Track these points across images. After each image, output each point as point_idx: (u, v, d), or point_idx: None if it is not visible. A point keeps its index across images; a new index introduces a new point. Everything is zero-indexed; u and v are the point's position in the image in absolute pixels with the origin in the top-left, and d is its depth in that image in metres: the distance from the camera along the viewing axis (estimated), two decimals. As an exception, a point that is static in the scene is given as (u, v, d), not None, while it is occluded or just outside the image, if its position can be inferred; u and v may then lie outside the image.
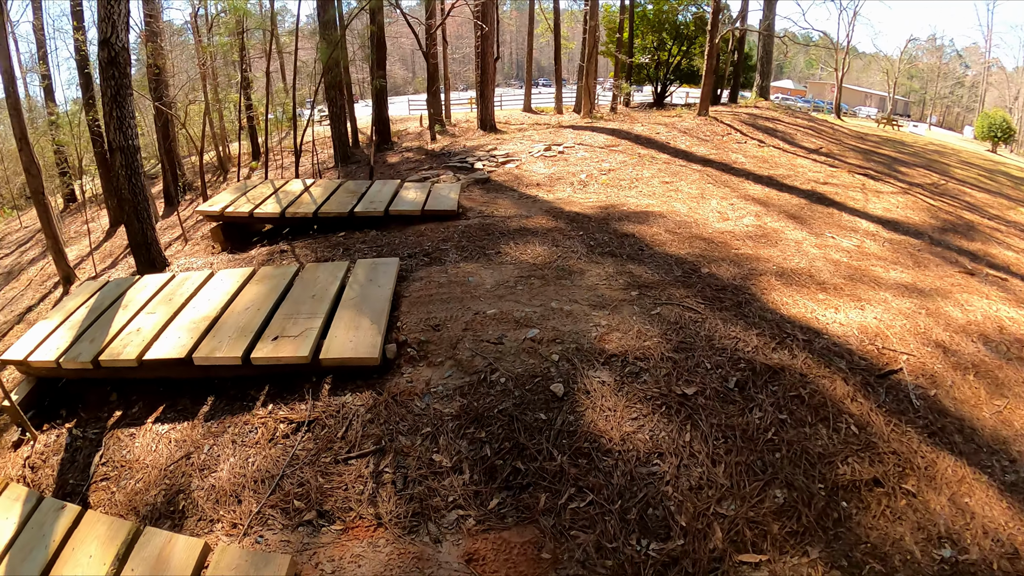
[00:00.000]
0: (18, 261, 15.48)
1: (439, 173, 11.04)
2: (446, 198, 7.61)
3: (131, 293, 5.46)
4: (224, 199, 7.93)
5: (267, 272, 5.36)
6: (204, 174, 14.36)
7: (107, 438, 4.71)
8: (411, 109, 31.05)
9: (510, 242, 6.23)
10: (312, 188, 8.18)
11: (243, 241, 7.91)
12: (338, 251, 6.56)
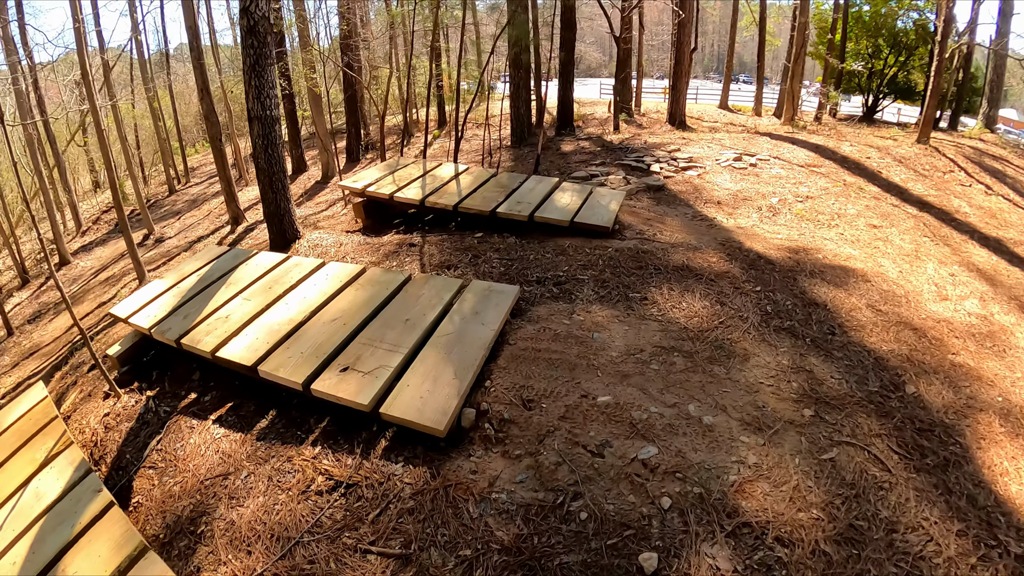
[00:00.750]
0: (204, 192, 17.57)
1: (609, 171, 10.14)
2: (603, 209, 6.67)
3: (241, 270, 5.44)
4: (370, 176, 7.87)
5: (373, 276, 4.97)
6: (384, 137, 15.06)
7: (172, 422, 4.67)
8: (602, 93, 30.34)
9: (663, 285, 5.21)
10: (462, 176, 7.82)
11: (384, 220, 7.80)
12: (465, 257, 6.04)
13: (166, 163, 18.04)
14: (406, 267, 5.98)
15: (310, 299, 4.70)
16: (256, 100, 6.40)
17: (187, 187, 18.89)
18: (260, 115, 6.43)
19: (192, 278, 5.51)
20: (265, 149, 6.58)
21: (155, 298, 5.32)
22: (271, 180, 6.68)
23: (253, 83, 6.33)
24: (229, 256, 5.77)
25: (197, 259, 5.91)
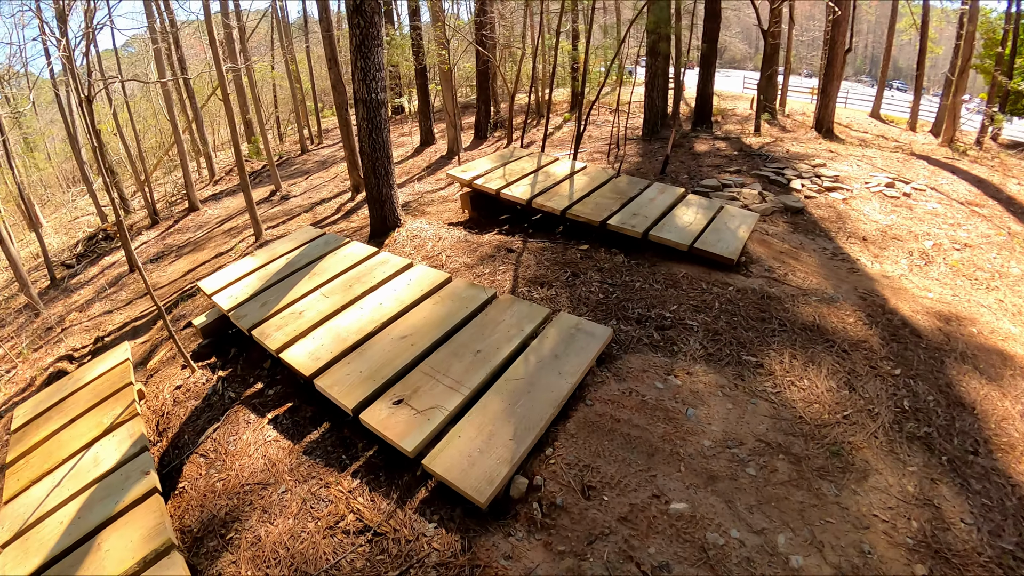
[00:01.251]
0: (333, 155, 18.28)
1: (744, 182, 9.33)
2: (729, 235, 6.01)
3: (329, 260, 5.45)
4: (480, 167, 7.70)
5: (456, 289, 4.77)
6: (512, 116, 14.93)
7: (232, 411, 4.75)
8: (745, 87, 28.54)
9: (786, 350, 4.59)
10: (577, 176, 7.41)
11: (491, 213, 7.64)
12: (563, 274, 5.68)
13: (300, 124, 19.04)
14: (498, 277, 5.74)
15: (386, 307, 4.59)
16: (361, 82, 6.32)
17: (319, 148, 19.86)
18: (365, 97, 6.35)
19: (280, 261, 5.60)
20: (369, 133, 6.53)
21: (241, 278, 5.45)
22: (374, 165, 6.67)
23: (359, 64, 6.26)
24: (320, 242, 5.82)
25: (290, 240, 6.02)
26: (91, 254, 14.57)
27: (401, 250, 6.53)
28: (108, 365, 5.42)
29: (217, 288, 5.38)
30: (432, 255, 6.30)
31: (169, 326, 5.21)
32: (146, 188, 14.58)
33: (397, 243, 6.70)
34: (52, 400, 5.33)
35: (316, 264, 5.37)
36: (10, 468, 4.71)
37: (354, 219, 10.55)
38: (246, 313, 4.86)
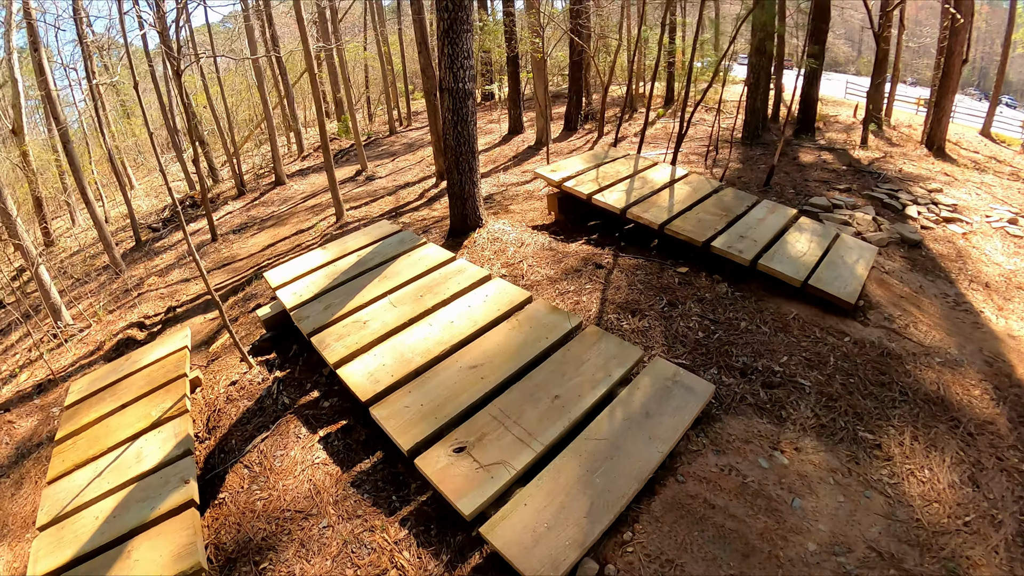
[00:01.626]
0: (421, 138, 18.07)
1: (856, 203, 8.39)
2: (846, 272, 5.23)
3: (402, 261, 5.05)
4: (570, 167, 7.11)
5: (537, 313, 4.26)
6: (605, 109, 14.27)
7: (284, 421, 4.42)
8: (847, 92, 26.53)
9: (907, 428, 3.84)
10: (678, 184, 6.76)
11: (579, 218, 7.06)
12: (658, 301, 5.07)
13: (389, 105, 18.96)
14: (583, 298, 5.19)
15: (457, 327, 4.13)
16: (448, 70, 5.84)
17: (407, 130, 19.75)
18: (451, 87, 5.89)
19: (351, 258, 5.25)
20: (454, 125, 6.05)
21: (307, 273, 5.13)
22: (458, 160, 6.24)
23: (445, 51, 5.78)
24: (395, 241, 5.42)
25: (363, 235, 5.67)
26: (176, 220, 14.84)
27: (480, 254, 6.07)
28: (166, 350, 5.21)
29: (282, 282, 5.08)
30: (512, 263, 5.82)
31: (228, 324, 4.95)
32: (234, 160, 14.73)
33: (476, 245, 6.25)
34: (107, 380, 5.19)
35: (388, 265, 4.98)
36: (58, 446, 4.62)
37: (436, 207, 10.20)
38: (308, 315, 4.51)
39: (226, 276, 9.97)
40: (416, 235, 5.53)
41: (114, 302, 10.51)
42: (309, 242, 10.28)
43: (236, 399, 4.90)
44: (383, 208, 11.26)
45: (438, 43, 5.85)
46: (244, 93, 19.37)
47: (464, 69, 5.84)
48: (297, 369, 4.94)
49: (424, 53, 11.14)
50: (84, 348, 8.57)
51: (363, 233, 5.77)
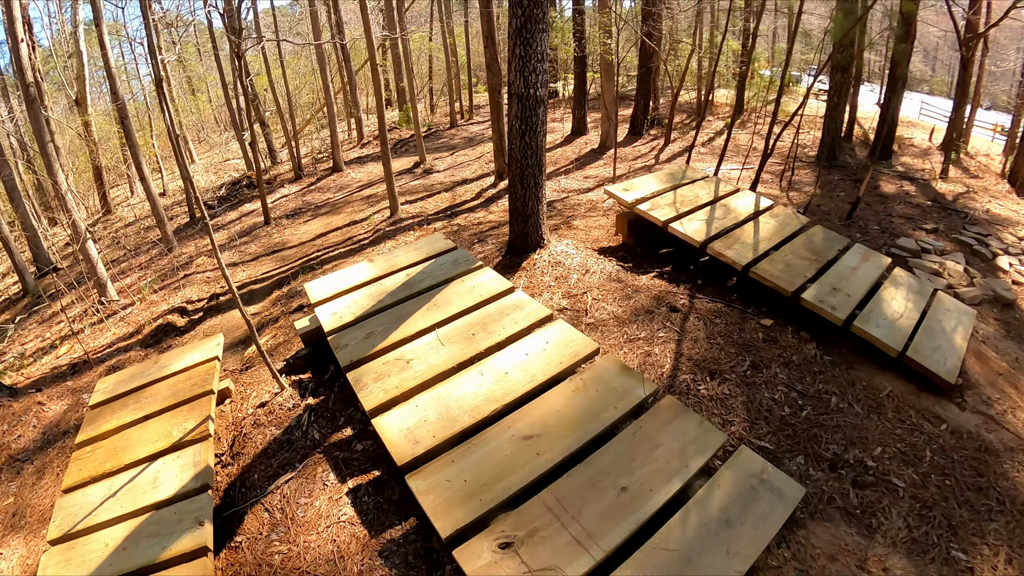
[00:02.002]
0: (482, 133, 17.48)
1: (945, 248, 7.50)
2: (946, 343, 4.59)
3: (454, 288, 4.49)
4: (644, 187, 6.39)
5: (603, 374, 3.64)
6: (673, 116, 13.48)
7: (312, 461, 3.93)
8: (921, 113, 24.87)
9: (1002, 547, 3.09)
10: (763, 217, 5.99)
11: (650, 244, 6.33)
12: (740, 363, 4.40)
13: (452, 97, 18.47)
14: (655, 348, 4.51)
15: (512, 381, 3.57)
16: (518, 73, 5.18)
17: (468, 123, 19.26)
18: (521, 92, 5.23)
19: (399, 276, 4.74)
20: (521, 135, 5.40)
21: (350, 290, 4.65)
22: (522, 173, 5.62)
23: (517, 51, 5.11)
24: (448, 261, 4.87)
25: (414, 249, 5.15)
26: (232, 198, 14.70)
27: (539, 279, 5.49)
28: (196, 358, 4.81)
29: (322, 297, 4.61)
30: (575, 293, 5.22)
31: (260, 346, 4.47)
32: (293, 143, 14.47)
33: (536, 268, 5.67)
34: (133, 384, 4.83)
35: (438, 291, 4.45)
36: (77, 451, 4.29)
37: (493, 210, 9.66)
38: (347, 343, 4.02)
39: (273, 265, 9.64)
40: (471, 256, 4.95)
41: (160, 281, 10.31)
42: (360, 236, 9.86)
43: (264, 424, 4.45)
44: (438, 205, 10.78)
45: (509, 42, 5.21)
46: (308, 76, 19.14)
47: (537, 74, 5.20)
48: (331, 398, 4.46)
49: (490, 48, 10.61)
50: (124, 328, 8.33)
51: (414, 247, 5.25)
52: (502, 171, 11.74)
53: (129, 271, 11.78)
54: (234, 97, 11.36)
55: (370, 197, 12.75)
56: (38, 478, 5.51)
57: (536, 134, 5.37)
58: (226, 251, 11.13)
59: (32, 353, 9.06)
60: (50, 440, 6.06)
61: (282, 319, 6.66)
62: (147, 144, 15.94)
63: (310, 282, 4.89)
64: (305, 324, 4.95)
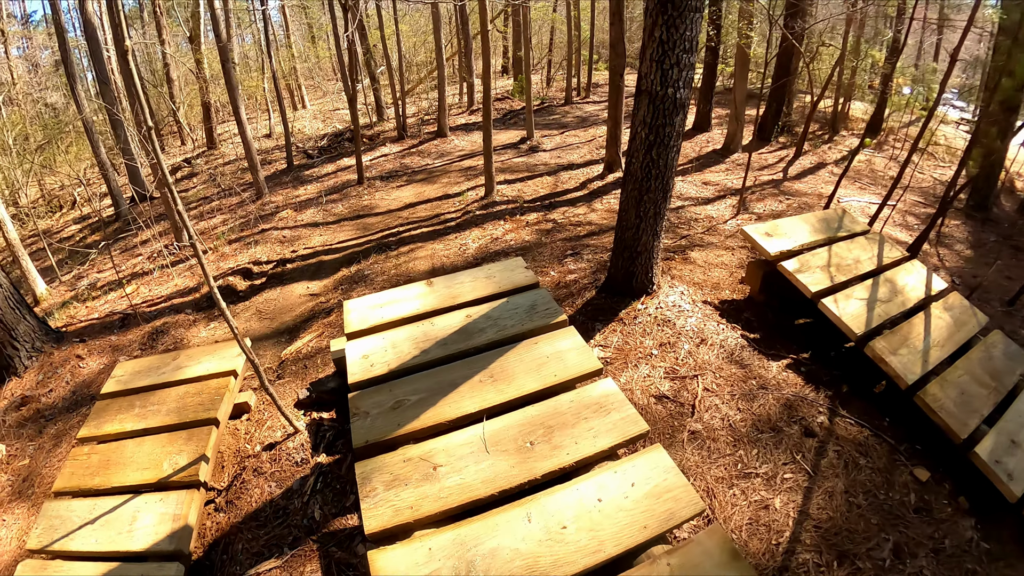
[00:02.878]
0: (596, 114, 15.74)
1: None
2: None
3: (520, 353, 3.29)
4: (791, 234, 4.75)
5: (702, 557, 2.33)
6: (809, 125, 11.56)
7: (301, 551, 2.94)
8: None
9: None
10: (935, 308, 4.30)
11: (786, 306, 4.77)
12: (877, 544, 2.78)
13: (570, 73, 16.94)
14: (776, 500, 3.07)
15: (570, 542, 2.34)
16: (655, 64, 3.68)
17: (583, 102, 17.72)
18: (655, 91, 3.75)
19: (457, 316, 3.59)
20: (648, 148, 3.95)
21: (393, 324, 3.59)
22: (640, 197, 4.18)
23: (656, 34, 3.61)
24: (523, 305, 3.65)
25: (485, 278, 3.97)
26: (332, 150, 14.03)
27: (638, 342, 4.17)
28: (212, 368, 3.96)
29: (359, 328, 3.57)
30: (682, 375, 3.89)
31: (268, 386, 3.49)
32: (400, 102, 13.53)
33: (637, 323, 4.34)
34: (146, 380, 4.07)
35: (502, 354, 3.27)
36: (76, 448, 3.73)
37: (596, 207, 8.36)
38: (367, 410, 2.96)
39: (353, 232, 8.77)
40: (554, 304, 3.65)
41: (239, 229, 9.69)
42: (448, 215, 8.82)
43: (265, 474, 3.49)
44: (537, 190, 9.56)
45: (646, 20, 3.72)
46: (427, 35, 18.06)
47: (680, 68, 3.72)
48: (347, 461, 3.43)
49: (616, 26, 9.13)
50: (187, 280, 7.70)
51: (485, 273, 4.07)
52: (612, 162, 10.39)
53: (215, 212, 11.32)
54: (345, 51, 10.47)
55: (469, 170, 11.68)
56: (55, 444, 4.95)
57: (667, 149, 3.97)
58: (312, 207, 10.40)
59: (102, 285, 8.68)
60: (76, 402, 5.49)
61: (335, 313, 5.73)
62: (258, 87, 15.47)
63: (351, 301, 3.84)
64: (340, 347, 3.95)
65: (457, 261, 6.65)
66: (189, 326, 6.26)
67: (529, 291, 3.84)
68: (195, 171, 14.00)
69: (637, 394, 3.73)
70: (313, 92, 21.71)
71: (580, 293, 4.88)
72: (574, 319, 4.43)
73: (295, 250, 8.28)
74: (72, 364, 6.01)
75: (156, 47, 14.07)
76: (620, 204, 4.37)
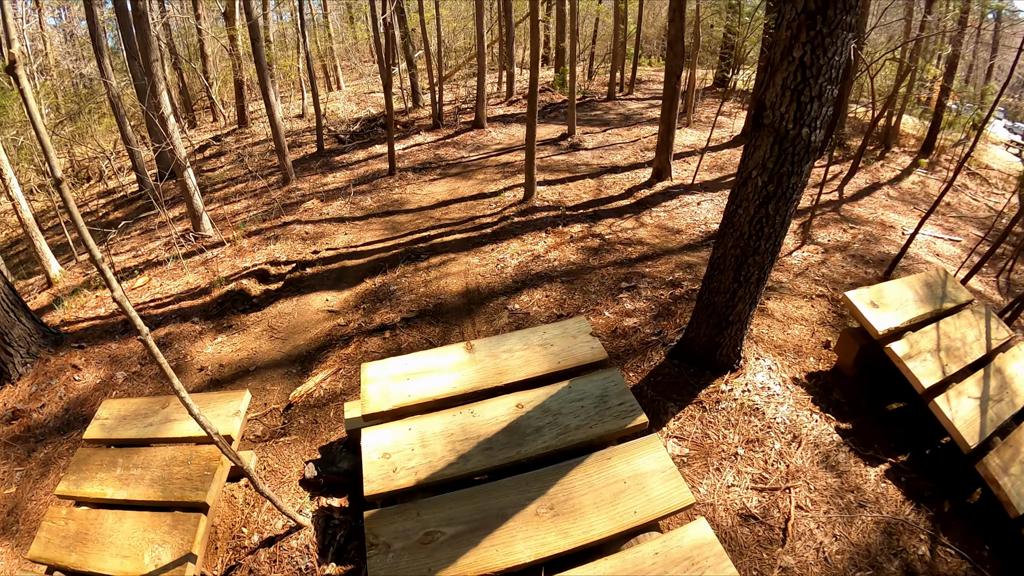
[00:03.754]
0: (640, 112, 14.59)
1: None
2: None
3: (589, 471, 2.46)
4: (897, 306, 3.78)
5: None
6: (866, 144, 10.46)
7: None
8: None
9: None
10: None
11: (881, 384, 3.89)
12: None
13: (614, 67, 15.85)
14: None
15: None
16: (790, 94, 2.74)
17: (626, 98, 16.63)
18: (784, 129, 2.81)
19: (504, 404, 2.76)
20: (764, 200, 3.01)
21: (423, 406, 2.79)
22: (744, 256, 3.24)
23: (797, 55, 2.65)
24: (590, 395, 2.82)
25: (540, 345, 3.10)
26: (365, 136, 13.22)
27: (720, 435, 3.27)
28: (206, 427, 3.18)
29: (378, 408, 2.79)
30: (772, 485, 3.01)
31: (258, 484, 2.74)
32: (437, 89, 12.63)
33: (720, 410, 3.47)
34: (131, 430, 3.42)
35: (563, 474, 2.45)
36: (51, 511, 3.14)
37: (646, 220, 7.47)
38: (389, 540, 2.20)
39: (380, 233, 7.95)
40: (630, 397, 2.71)
41: (260, 219, 8.94)
42: (484, 219, 7.97)
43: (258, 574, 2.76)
44: (580, 195, 8.66)
45: (783, 35, 2.73)
46: (467, 20, 17.02)
47: (822, 102, 2.76)
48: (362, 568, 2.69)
49: (676, 23, 8.13)
50: (199, 278, 6.97)
51: (539, 340, 3.20)
52: (662, 169, 9.49)
53: (240, 196, 10.59)
54: (382, 34, 9.60)
55: (506, 166, 10.81)
56: (43, 472, 4.39)
57: (789, 203, 3.04)
58: (339, 199, 9.62)
59: (116, 272, 8.02)
60: (69, 424, 4.86)
61: (354, 343, 4.94)
62: (292, 66, 14.65)
63: (371, 366, 3.02)
64: (355, 415, 3.18)
65: (494, 282, 5.82)
66: (194, 339, 5.54)
67: (597, 374, 2.98)
68: (224, 150, 13.27)
69: (720, 512, 2.91)
70: (349, 73, 20.81)
71: (644, 351, 4.03)
72: (640, 391, 3.59)
73: (317, 250, 7.51)
74: (67, 375, 5.34)
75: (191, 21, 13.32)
76: (712, 259, 3.46)
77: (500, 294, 5.50)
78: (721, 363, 3.65)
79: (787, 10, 2.60)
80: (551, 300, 5.21)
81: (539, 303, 5.20)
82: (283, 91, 15.88)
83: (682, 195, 8.59)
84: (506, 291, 5.56)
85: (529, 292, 5.44)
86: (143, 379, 5.11)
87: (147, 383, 5.05)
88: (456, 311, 5.31)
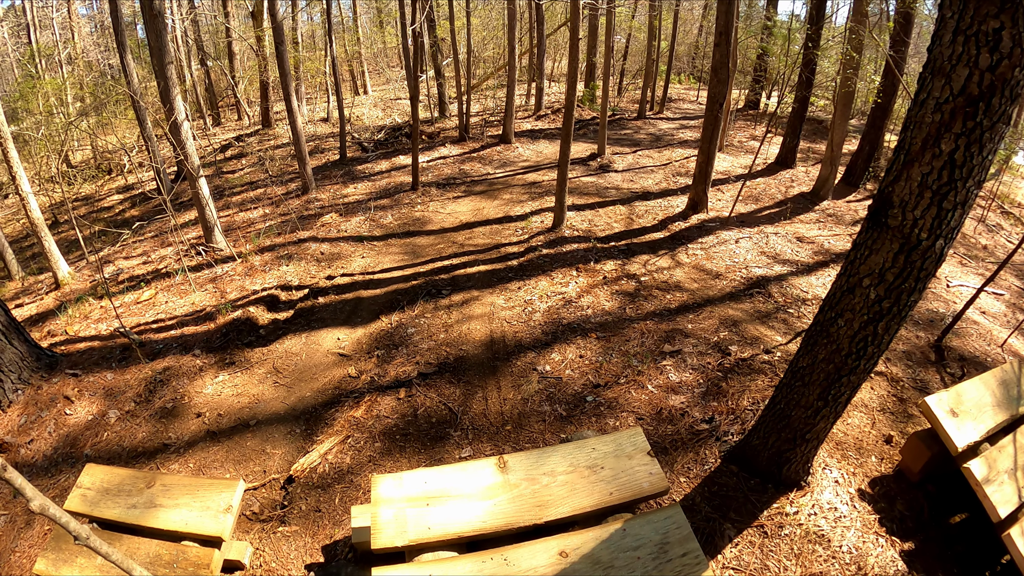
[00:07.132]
0: (671, 132, 13.88)
1: None
2: None
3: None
4: (976, 413, 3.22)
5: None
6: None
7: None
8: None
9: None
10: None
11: (946, 490, 3.37)
12: None
13: (645, 84, 15.27)
14: None
15: None
16: (932, 196, 2.13)
17: (657, 117, 16.02)
18: (915, 237, 2.23)
19: (546, 552, 2.25)
20: (875, 317, 2.46)
21: (436, 546, 2.26)
22: (837, 374, 2.70)
23: (946, 148, 2.05)
24: (648, 543, 2.29)
25: (588, 467, 2.58)
26: (389, 145, 12.75)
27: (782, 570, 2.75)
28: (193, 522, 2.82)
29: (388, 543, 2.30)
30: None
31: None
32: (463, 99, 12.11)
33: (783, 537, 2.94)
34: (115, 510, 3.07)
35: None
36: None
37: (681, 259, 6.91)
38: None
39: (399, 258, 7.42)
40: (697, 543, 2.22)
41: (275, 232, 8.48)
42: (509, 247, 7.43)
43: None
44: (611, 224, 8.10)
45: (932, 119, 2.08)
46: (497, 31, 16.49)
47: (965, 209, 2.21)
48: None
49: (722, 47, 7.55)
50: (206, 298, 6.50)
51: (587, 459, 2.62)
52: (698, 201, 8.91)
53: (258, 202, 10.14)
54: (411, 43, 9.11)
55: (533, 185, 10.27)
56: (27, 521, 3.94)
57: (900, 321, 2.48)
58: (359, 213, 9.14)
59: (123, 279, 7.58)
60: (56, 464, 4.45)
61: (365, 402, 4.43)
62: (319, 68, 14.20)
63: (383, 482, 2.51)
64: (362, 525, 2.68)
65: (522, 331, 5.28)
66: (194, 376, 5.06)
67: (657, 513, 2.45)
68: (246, 151, 12.85)
69: None
70: (376, 77, 20.34)
71: (695, 447, 3.49)
72: (693, 504, 3.04)
73: (331, 276, 7.01)
74: (59, 407, 4.89)
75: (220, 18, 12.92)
76: (795, 366, 2.85)
77: (528, 348, 4.97)
78: (787, 480, 3.11)
79: (938, 89, 2.02)
80: (586, 363, 4.67)
81: (573, 365, 4.66)
82: (309, 92, 15.44)
83: (718, 230, 8.01)
84: (535, 344, 5.03)
85: (561, 348, 4.91)
86: (136, 420, 4.64)
87: (140, 426, 4.57)
88: (479, 367, 4.78)
